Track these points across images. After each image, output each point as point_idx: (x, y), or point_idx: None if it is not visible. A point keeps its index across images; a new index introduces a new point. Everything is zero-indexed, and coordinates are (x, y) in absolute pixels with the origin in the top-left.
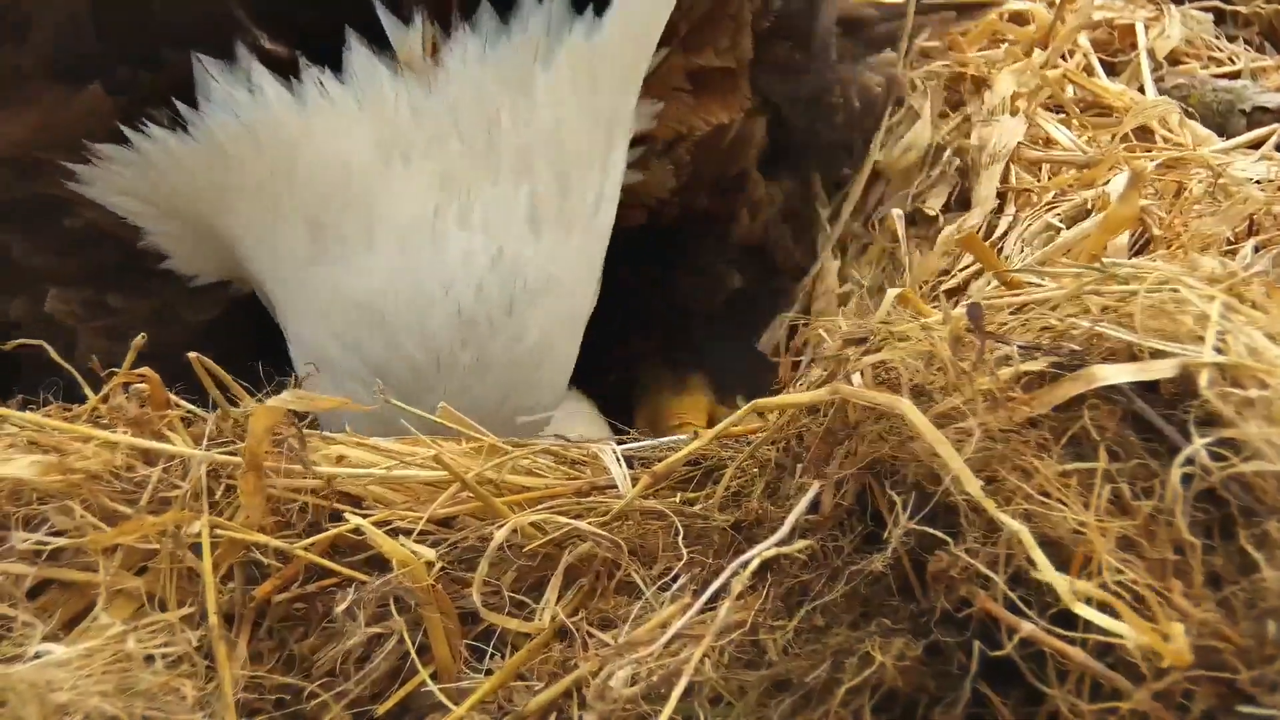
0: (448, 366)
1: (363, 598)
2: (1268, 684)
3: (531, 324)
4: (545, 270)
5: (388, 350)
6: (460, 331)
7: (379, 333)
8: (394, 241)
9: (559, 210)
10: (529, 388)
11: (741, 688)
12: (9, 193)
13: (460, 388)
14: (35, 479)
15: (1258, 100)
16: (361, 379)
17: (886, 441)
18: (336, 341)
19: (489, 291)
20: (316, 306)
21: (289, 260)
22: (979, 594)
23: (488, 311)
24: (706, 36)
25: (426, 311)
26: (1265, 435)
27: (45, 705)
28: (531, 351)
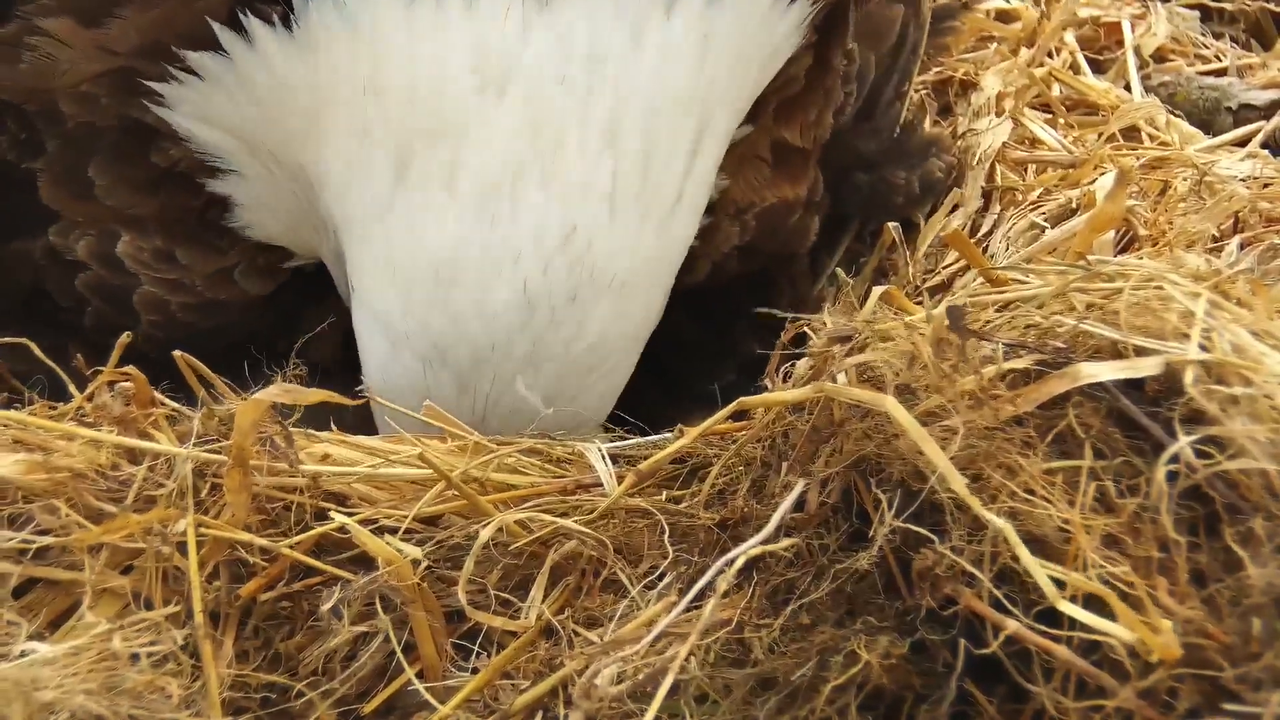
0: (503, 353)
1: (348, 596)
2: (1252, 681)
3: (593, 321)
4: (615, 262)
5: (451, 324)
6: (522, 314)
7: (446, 300)
8: (475, 193)
9: (638, 193)
10: (578, 392)
11: (727, 686)
12: (103, 118)
13: (510, 379)
14: (20, 477)
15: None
16: (418, 350)
17: (872, 439)
18: (402, 303)
19: (556, 274)
20: (389, 259)
21: (370, 199)
22: (964, 592)
23: (550, 296)
24: (797, 111)
25: (493, 283)
26: (1250, 432)
27: (30, 704)
28: (588, 352)
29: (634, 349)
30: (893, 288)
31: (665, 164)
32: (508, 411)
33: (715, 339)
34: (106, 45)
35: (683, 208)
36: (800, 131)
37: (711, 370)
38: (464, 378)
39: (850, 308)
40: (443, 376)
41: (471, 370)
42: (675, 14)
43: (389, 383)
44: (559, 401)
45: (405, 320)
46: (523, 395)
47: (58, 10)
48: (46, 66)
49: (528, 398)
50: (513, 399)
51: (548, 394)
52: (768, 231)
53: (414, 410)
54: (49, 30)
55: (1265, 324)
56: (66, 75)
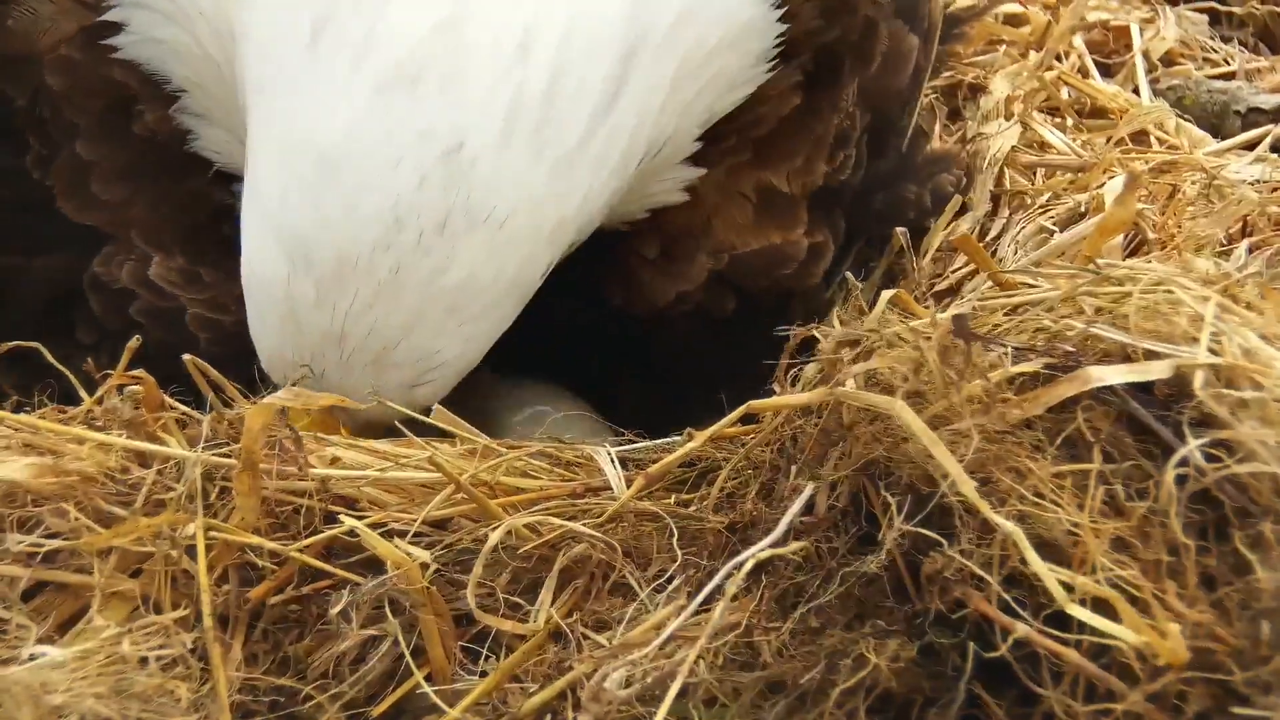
0: (365, 270)
1: (357, 600)
2: (1262, 685)
3: (460, 257)
4: (496, 194)
5: (321, 224)
6: (389, 231)
7: (322, 196)
8: (377, 77)
9: (538, 123)
10: (434, 333)
11: (736, 689)
12: (84, 89)
13: (370, 301)
14: (30, 481)
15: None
16: (287, 250)
17: (881, 443)
18: (281, 190)
19: (430, 190)
20: (282, 138)
21: (280, 65)
22: (973, 595)
23: (420, 218)
24: (782, 150)
25: (368, 186)
26: (1260, 436)
27: (40, 707)
28: (454, 290)
29: (507, 300)
30: (901, 291)
31: (575, 97)
32: (365, 335)
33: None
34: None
35: (588, 156)
36: (787, 178)
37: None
38: (324, 288)
39: (859, 312)
40: (305, 281)
41: (333, 282)
42: None
43: (255, 276)
44: (418, 335)
45: (281, 210)
46: (382, 320)
47: None
48: (30, 25)
49: (386, 322)
50: (370, 322)
51: (406, 325)
52: (758, 274)
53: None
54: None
55: (1275, 327)
56: (47, 35)
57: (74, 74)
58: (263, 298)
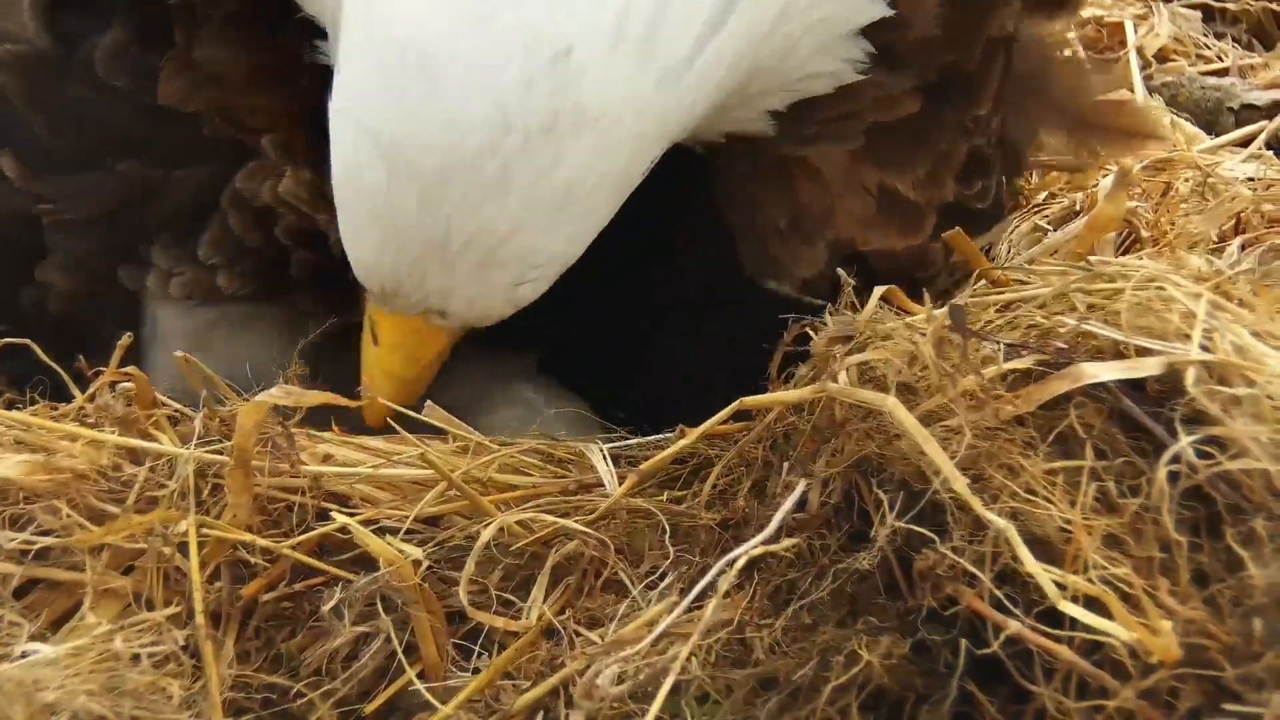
0: (470, 173)
1: (350, 597)
2: (1254, 681)
3: (569, 156)
4: (603, 99)
5: (419, 128)
6: (494, 133)
7: (421, 100)
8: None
9: (648, 34)
10: (540, 231)
11: (728, 686)
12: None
13: (476, 204)
14: (22, 478)
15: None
16: (384, 154)
17: (873, 439)
18: (376, 93)
19: (537, 95)
20: (372, 38)
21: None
22: (966, 592)
23: (526, 119)
24: (899, 152)
25: (470, 89)
26: (1252, 433)
27: (32, 704)
28: (560, 190)
29: (611, 199)
30: (894, 288)
31: (685, 11)
32: (470, 236)
33: None
34: None
35: (694, 70)
36: (912, 185)
37: None
38: (427, 194)
39: (852, 307)
40: (408, 188)
41: (437, 187)
42: None
43: (351, 184)
44: (523, 235)
45: (378, 114)
46: (488, 221)
47: None
48: None
49: (492, 225)
50: (476, 224)
51: (512, 226)
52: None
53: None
54: None
55: (1267, 324)
56: None
57: None
58: (359, 207)
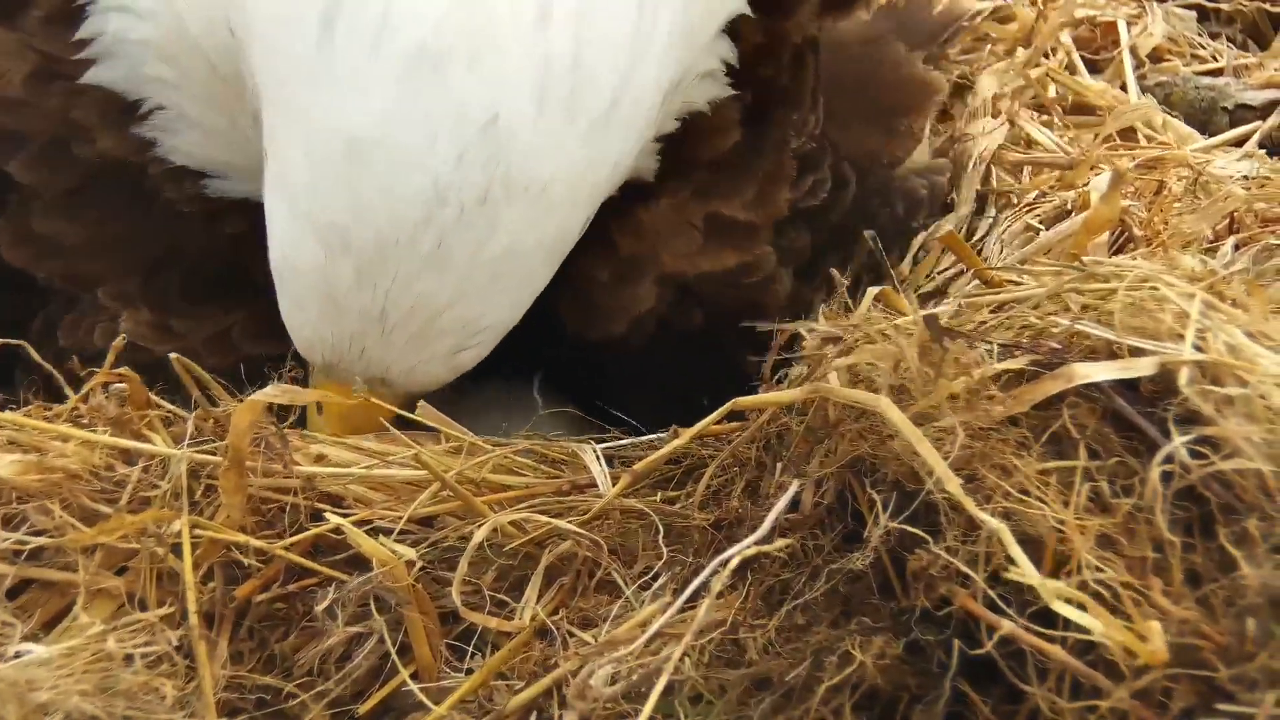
0: (407, 247)
1: (343, 597)
2: (1247, 682)
3: (502, 227)
4: (534, 163)
5: (357, 208)
6: (429, 207)
7: (356, 180)
8: (401, 59)
9: (570, 89)
10: (478, 300)
11: (722, 686)
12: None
13: (413, 275)
14: (14, 478)
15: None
16: (322, 235)
17: (866, 440)
18: (310, 177)
19: (469, 167)
20: (304, 127)
21: (293, 56)
22: (959, 592)
23: (460, 193)
24: (727, 185)
25: (406, 166)
26: (1245, 433)
27: (25, 705)
28: (498, 259)
29: (548, 262)
30: (887, 288)
31: (600, 58)
32: (408, 309)
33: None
34: (31, 44)
35: (617, 119)
36: (740, 208)
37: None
38: (365, 269)
39: (844, 308)
40: (343, 264)
41: (375, 261)
42: None
43: (288, 263)
44: (462, 305)
45: (311, 197)
46: (426, 294)
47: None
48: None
49: (430, 297)
50: (414, 297)
51: (451, 297)
52: (720, 290)
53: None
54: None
55: (1260, 324)
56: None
57: (24, 112)
58: (298, 285)
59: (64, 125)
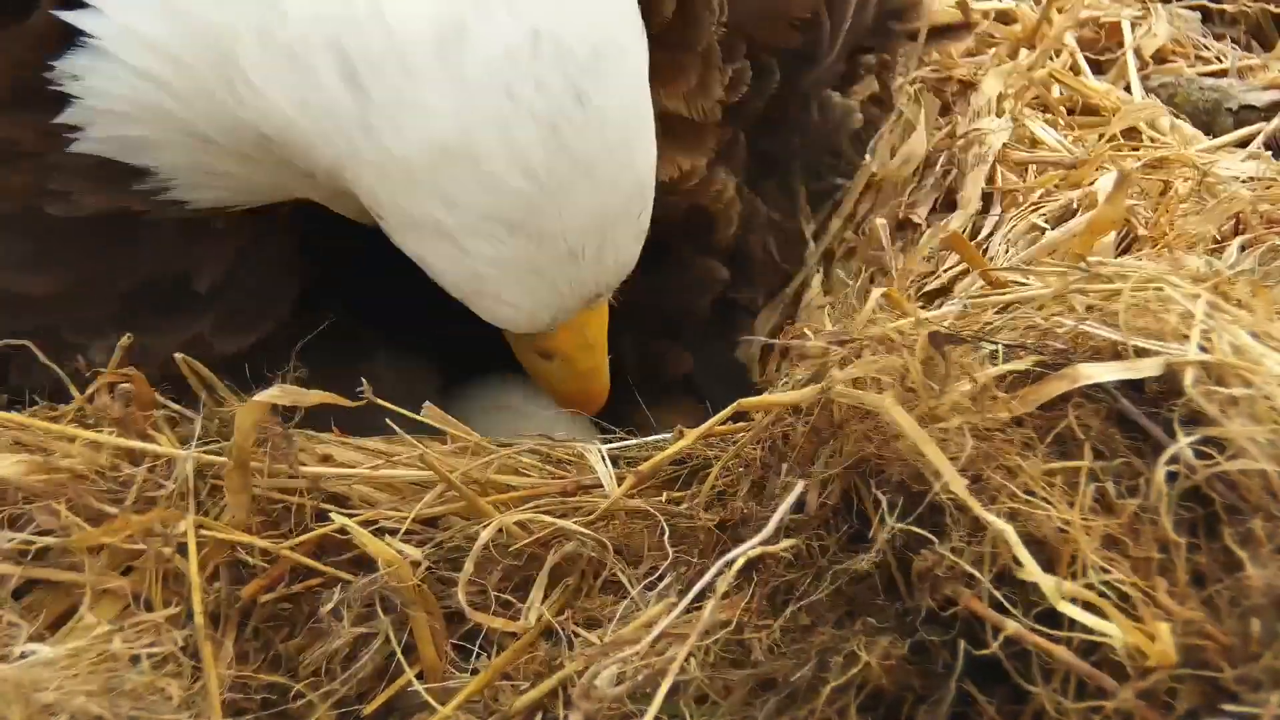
0: (550, 183)
1: (348, 598)
2: (1252, 682)
3: (607, 106)
4: (587, 37)
5: (492, 190)
6: (545, 140)
7: (476, 170)
8: (432, 57)
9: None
10: (629, 164)
11: (727, 687)
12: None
13: (570, 200)
14: (20, 479)
15: (1245, 98)
16: (478, 231)
17: (871, 441)
18: (438, 200)
19: (550, 84)
20: (402, 170)
21: (344, 129)
22: (964, 593)
23: (560, 108)
24: (671, 66)
25: (505, 127)
26: (1250, 433)
27: (30, 705)
28: (620, 131)
29: (647, 92)
30: (892, 289)
31: None
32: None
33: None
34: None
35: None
36: (685, 101)
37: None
38: (531, 230)
39: (849, 309)
40: (517, 243)
41: (529, 216)
42: None
43: (469, 285)
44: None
45: (452, 213)
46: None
47: None
48: None
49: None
50: (585, 216)
51: (613, 194)
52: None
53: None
54: None
55: (1265, 325)
56: None
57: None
58: (495, 286)
59: (35, 195)
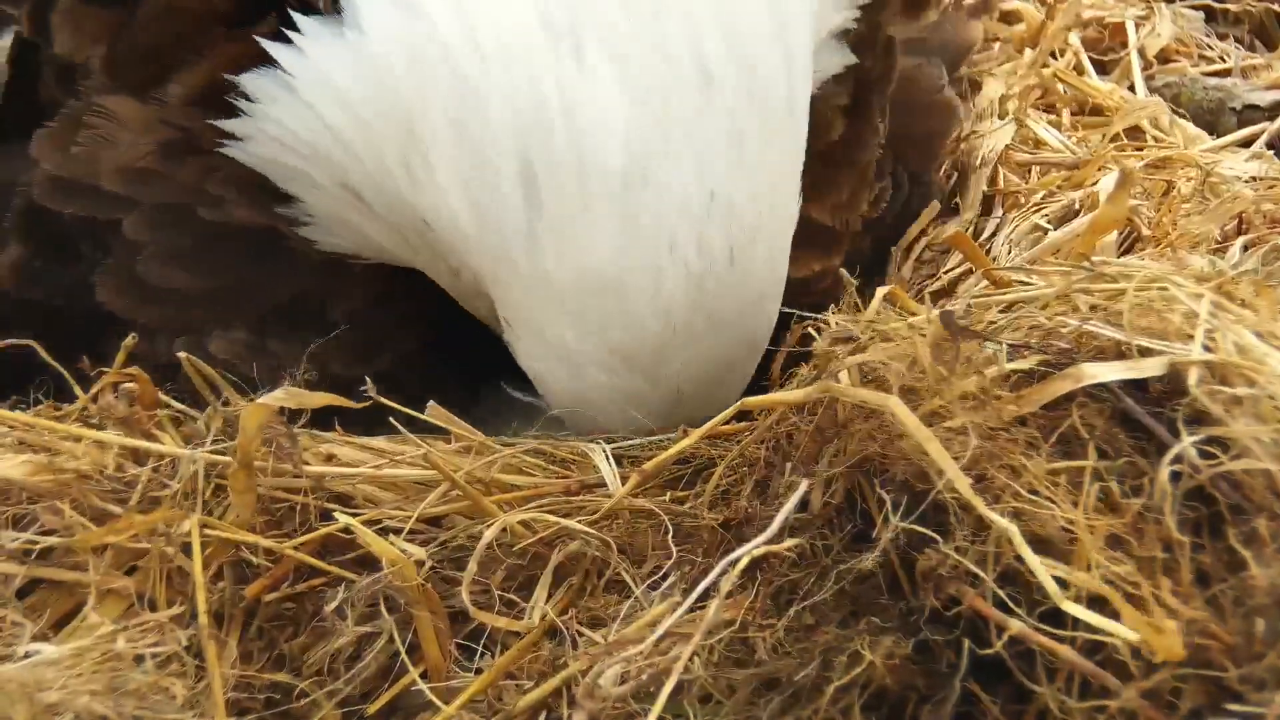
0: (683, 335)
1: (352, 597)
2: (1256, 681)
3: (753, 269)
4: (755, 202)
5: (627, 332)
6: (691, 294)
7: (620, 307)
8: (612, 194)
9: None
10: (757, 331)
11: (731, 686)
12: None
13: (695, 355)
14: (24, 478)
15: (1248, 98)
16: (602, 363)
17: (875, 440)
18: (575, 326)
19: (711, 242)
20: (547, 285)
21: (507, 234)
22: (968, 592)
23: (712, 266)
24: (827, 180)
25: (659, 274)
26: (1253, 433)
27: (34, 705)
28: (758, 298)
29: (787, 256)
30: (896, 288)
31: (764, 56)
32: (697, 378)
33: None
34: (166, 118)
35: (796, 100)
36: (830, 211)
37: None
38: (652, 373)
39: (854, 308)
40: (634, 380)
41: (656, 365)
42: None
43: (572, 403)
44: (742, 349)
45: (582, 341)
46: (710, 359)
47: (113, 88)
48: (102, 150)
49: (714, 359)
50: (699, 369)
51: (733, 351)
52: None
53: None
54: (108, 108)
55: (1269, 325)
56: (122, 156)
57: (141, 182)
58: (599, 411)
59: (193, 194)
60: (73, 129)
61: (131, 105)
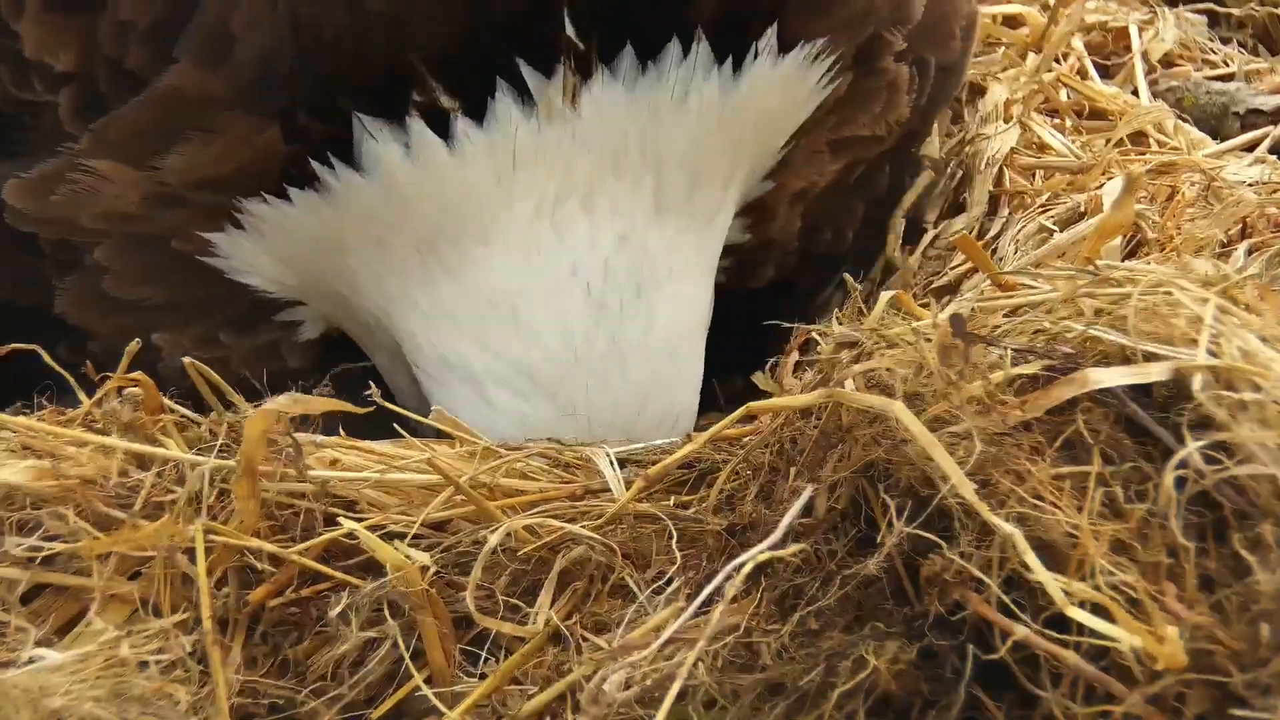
0: (585, 354)
1: (357, 602)
2: (1261, 687)
3: (661, 309)
4: (669, 258)
5: (526, 344)
6: (592, 312)
7: (514, 327)
8: (515, 234)
9: (684, 205)
10: (667, 381)
11: (735, 691)
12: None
13: (600, 382)
14: (29, 484)
15: (1252, 102)
16: (505, 381)
17: (880, 445)
18: (475, 347)
19: (617, 272)
20: (447, 316)
21: (409, 285)
22: (973, 597)
23: (618, 292)
24: (851, 110)
25: (556, 294)
26: (1259, 438)
27: (38, 711)
28: (665, 339)
29: (701, 334)
30: (901, 292)
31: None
32: (607, 415)
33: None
34: (160, 180)
35: (720, 215)
36: (869, 119)
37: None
38: (556, 395)
39: (858, 312)
40: (539, 404)
41: (559, 385)
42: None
43: (498, 432)
44: (651, 395)
45: (485, 363)
46: (617, 391)
47: (102, 153)
48: (83, 199)
49: (621, 392)
50: (607, 400)
51: (640, 392)
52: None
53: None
54: (96, 169)
55: (1274, 329)
56: (105, 205)
57: (123, 222)
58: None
59: (170, 232)
60: (53, 183)
61: (124, 170)
